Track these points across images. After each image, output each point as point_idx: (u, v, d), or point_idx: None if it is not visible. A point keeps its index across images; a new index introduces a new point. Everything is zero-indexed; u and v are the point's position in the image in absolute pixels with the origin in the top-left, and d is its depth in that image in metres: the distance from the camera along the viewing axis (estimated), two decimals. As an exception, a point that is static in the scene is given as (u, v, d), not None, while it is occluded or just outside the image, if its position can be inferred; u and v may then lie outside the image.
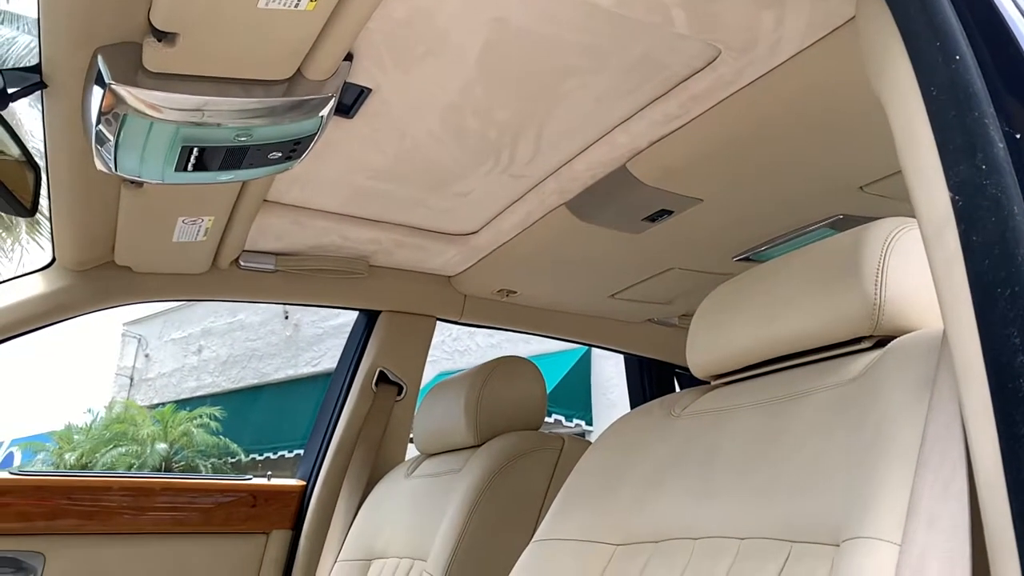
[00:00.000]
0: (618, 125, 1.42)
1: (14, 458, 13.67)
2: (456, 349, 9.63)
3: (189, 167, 1.26)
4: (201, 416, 11.60)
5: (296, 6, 0.98)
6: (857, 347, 0.96)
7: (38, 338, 1.80)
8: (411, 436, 2.13)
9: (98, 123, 1.13)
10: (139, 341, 15.01)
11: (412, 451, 2.09)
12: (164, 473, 9.78)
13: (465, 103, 1.36)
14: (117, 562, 1.90)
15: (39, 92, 1.19)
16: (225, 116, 1.15)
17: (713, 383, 1.19)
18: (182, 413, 11.75)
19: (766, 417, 0.99)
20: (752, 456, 0.96)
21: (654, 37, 1.18)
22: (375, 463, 2.10)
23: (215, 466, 11.34)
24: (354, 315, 2.28)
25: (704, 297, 1.20)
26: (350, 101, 1.33)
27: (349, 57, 1.19)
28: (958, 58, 0.66)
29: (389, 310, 2.18)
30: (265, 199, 1.69)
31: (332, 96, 1.20)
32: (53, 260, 1.76)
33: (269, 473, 2.26)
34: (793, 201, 1.62)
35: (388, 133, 1.45)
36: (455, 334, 9.57)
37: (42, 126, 1.29)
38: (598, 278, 2.11)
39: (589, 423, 8.25)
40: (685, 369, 1.82)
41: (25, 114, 9.26)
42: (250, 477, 2.15)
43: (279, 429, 11.27)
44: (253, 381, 12.66)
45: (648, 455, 1.13)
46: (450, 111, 1.38)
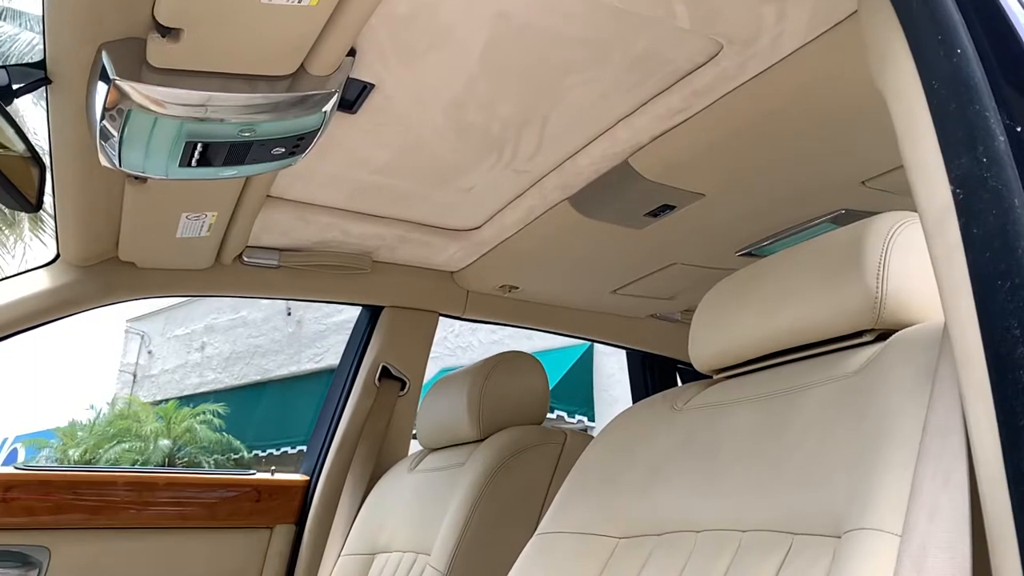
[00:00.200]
0: (621, 120, 1.42)
1: (17, 454, 13.67)
2: (458, 345, 9.63)
3: (193, 163, 1.27)
4: (204, 412, 11.60)
5: (299, 1, 0.98)
6: (859, 340, 0.97)
7: (41, 334, 1.81)
8: (414, 431, 2.13)
9: (102, 119, 1.14)
10: (142, 338, 15.03)
11: (415, 446, 2.10)
12: (169, 468, 9.80)
13: (468, 98, 1.36)
14: (122, 556, 1.91)
15: (43, 88, 1.19)
16: (229, 112, 1.16)
17: (715, 377, 1.19)
18: (185, 410, 11.76)
19: (768, 410, 1.00)
20: (754, 449, 0.97)
21: (657, 32, 1.18)
22: (378, 458, 2.11)
23: (218, 462, 11.36)
24: (357, 311, 2.28)
25: (706, 292, 1.21)
26: (353, 96, 1.33)
27: (352, 53, 1.19)
28: (959, 51, 0.66)
29: (392, 306, 2.18)
30: (268, 195, 1.70)
31: (335, 92, 1.20)
32: (57, 256, 1.77)
33: (273, 468, 2.26)
34: (795, 196, 1.62)
35: (391, 128, 1.46)
36: (457, 330, 9.57)
37: (47, 122, 1.29)
38: (600, 273, 2.11)
39: (592, 419, 8.25)
40: (687, 364, 1.83)
41: (27, 112, 9.26)
42: (254, 472, 2.16)
43: (282, 425, 11.28)
44: (256, 377, 12.67)
45: (650, 449, 1.14)
46: (453, 106, 1.38)
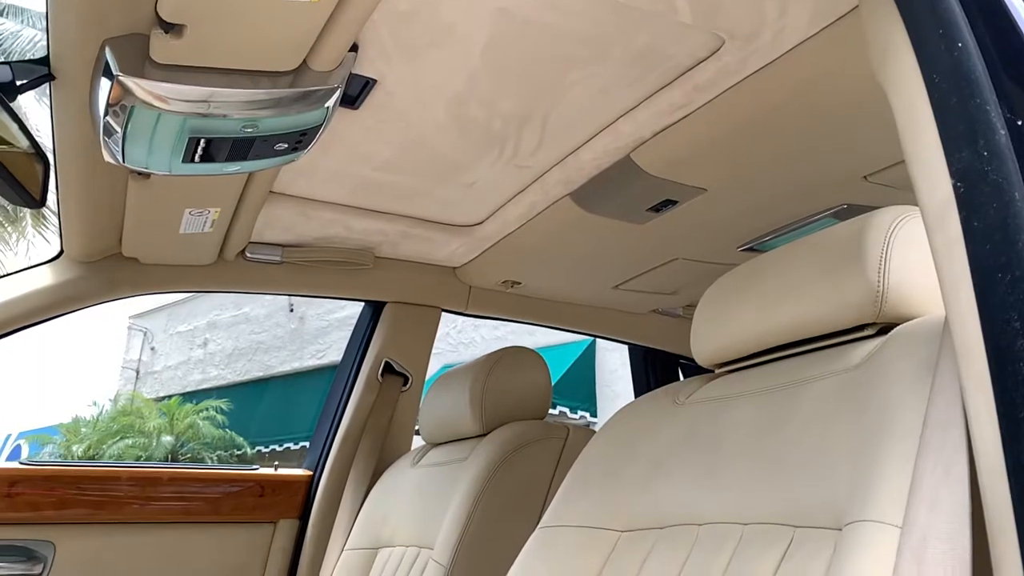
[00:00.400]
0: (622, 115, 1.42)
1: (21, 451, 13.70)
2: (460, 341, 9.63)
3: (196, 158, 1.27)
4: (207, 409, 11.61)
5: (302, -3, 0.98)
6: (860, 334, 0.97)
7: (44, 331, 1.81)
8: (416, 426, 2.14)
9: (106, 115, 1.14)
10: (145, 334, 15.04)
11: (417, 441, 2.10)
12: (172, 463, 9.82)
13: (470, 94, 1.36)
14: (126, 551, 1.92)
15: (47, 84, 1.20)
16: (231, 107, 1.16)
17: (717, 372, 1.20)
18: (188, 406, 11.77)
19: (770, 404, 1.00)
20: (756, 443, 0.97)
21: (658, 27, 1.18)
22: (381, 453, 2.12)
23: (221, 458, 11.37)
24: (359, 307, 2.29)
25: (708, 287, 1.21)
26: (356, 92, 1.33)
27: (354, 48, 1.19)
28: (960, 45, 0.66)
29: (394, 301, 2.19)
30: (271, 190, 1.70)
31: (338, 87, 1.20)
32: (61, 252, 1.77)
33: (276, 463, 2.27)
34: (797, 191, 1.62)
35: (393, 124, 1.46)
36: (459, 326, 9.58)
37: (50, 118, 1.29)
38: (602, 269, 2.11)
39: (594, 415, 8.25)
40: (689, 360, 1.83)
41: (30, 108, 9.27)
42: (257, 467, 2.17)
43: (285, 421, 11.28)
44: (258, 374, 12.68)
45: (653, 443, 1.14)
46: (455, 102, 1.39)
